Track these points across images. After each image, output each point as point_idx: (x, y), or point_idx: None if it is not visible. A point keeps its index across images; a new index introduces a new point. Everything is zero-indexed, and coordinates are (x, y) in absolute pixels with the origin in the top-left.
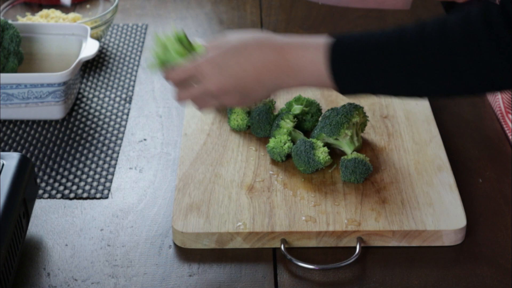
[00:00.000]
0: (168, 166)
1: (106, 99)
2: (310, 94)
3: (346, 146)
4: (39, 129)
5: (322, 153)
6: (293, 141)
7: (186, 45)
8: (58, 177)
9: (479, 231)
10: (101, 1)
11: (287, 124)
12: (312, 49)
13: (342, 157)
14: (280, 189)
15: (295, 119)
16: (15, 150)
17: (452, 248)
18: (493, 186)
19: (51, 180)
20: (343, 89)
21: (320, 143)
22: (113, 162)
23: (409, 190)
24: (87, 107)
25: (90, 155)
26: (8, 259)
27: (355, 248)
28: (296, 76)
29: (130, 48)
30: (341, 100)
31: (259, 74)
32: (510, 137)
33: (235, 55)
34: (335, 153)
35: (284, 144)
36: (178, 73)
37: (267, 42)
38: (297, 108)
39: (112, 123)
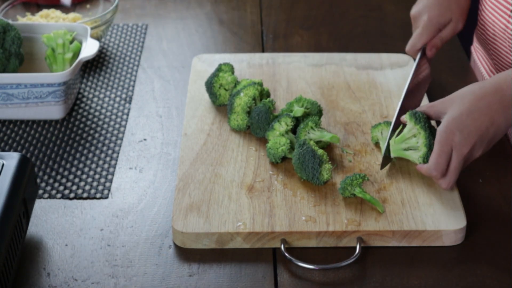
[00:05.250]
0: (168, 166)
1: (106, 99)
2: (311, 94)
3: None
4: (39, 129)
5: (326, 173)
6: (291, 144)
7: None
8: (58, 177)
9: (479, 231)
10: (101, 1)
11: (281, 127)
12: None
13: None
14: (280, 189)
15: (293, 121)
16: (15, 150)
17: (452, 248)
18: (493, 186)
19: (51, 180)
20: None
21: (326, 157)
22: (113, 162)
23: (409, 190)
24: (87, 107)
25: (90, 155)
26: (8, 259)
27: (355, 248)
28: None
29: (130, 48)
30: (341, 100)
31: (491, 116)
32: (510, 137)
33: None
34: (334, 153)
35: (282, 145)
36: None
37: (484, 90)
38: (298, 111)
39: (112, 123)
